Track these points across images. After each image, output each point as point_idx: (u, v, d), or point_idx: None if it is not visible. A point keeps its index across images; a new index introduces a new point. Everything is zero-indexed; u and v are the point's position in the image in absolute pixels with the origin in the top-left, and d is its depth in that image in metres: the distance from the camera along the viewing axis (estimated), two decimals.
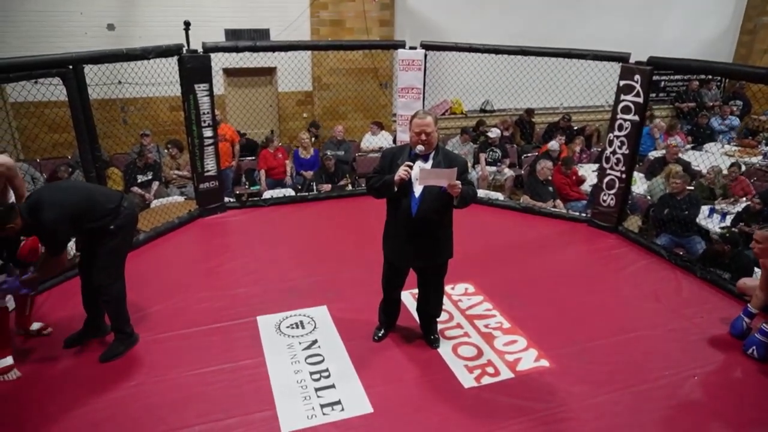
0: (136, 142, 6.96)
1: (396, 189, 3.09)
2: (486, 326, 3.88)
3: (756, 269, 4.54)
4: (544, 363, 3.49)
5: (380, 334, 3.67)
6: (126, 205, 3.34)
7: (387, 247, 3.37)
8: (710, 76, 9.86)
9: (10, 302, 3.38)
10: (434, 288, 3.51)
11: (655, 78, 5.04)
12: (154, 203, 6.14)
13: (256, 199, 6.33)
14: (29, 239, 3.25)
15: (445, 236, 3.30)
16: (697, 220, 5.68)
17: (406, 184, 3.10)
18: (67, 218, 3.02)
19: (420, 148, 3.08)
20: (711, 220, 5.83)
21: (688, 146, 8.31)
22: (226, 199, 5.99)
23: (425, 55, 6.10)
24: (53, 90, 4.36)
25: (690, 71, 8.08)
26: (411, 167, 3.07)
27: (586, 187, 6.62)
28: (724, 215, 5.81)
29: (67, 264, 3.23)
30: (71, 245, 3.95)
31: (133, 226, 3.51)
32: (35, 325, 3.65)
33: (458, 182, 3.01)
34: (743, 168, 6.68)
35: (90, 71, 4.39)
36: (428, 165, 3.13)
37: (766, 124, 9.32)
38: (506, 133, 8.46)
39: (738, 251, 4.74)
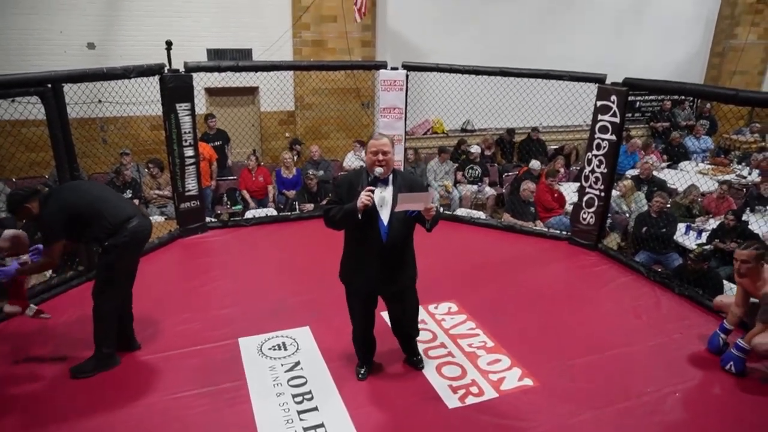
0: (116, 162, 6.87)
1: (360, 216, 2.96)
2: (470, 345, 3.87)
3: (730, 284, 4.64)
4: (528, 382, 3.49)
5: (362, 372, 3.51)
6: (131, 226, 3.28)
7: (356, 279, 3.20)
8: (684, 97, 10.14)
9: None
10: (408, 307, 3.42)
11: (630, 98, 5.15)
12: None
13: (237, 218, 6.27)
14: None
15: (412, 255, 3.25)
16: (675, 237, 5.79)
17: (370, 209, 2.96)
18: (65, 217, 3.17)
19: (378, 170, 2.97)
20: (687, 237, 5.95)
21: (664, 165, 8.50)
22: (207, 219, 5.93)
23: (407, 76, 6.16)
24: (31, 108, 4.30)
25: (664, 92, 8.29)
26: (373, 191, 2.95)
27: (568, 207, 6.68)
28: (700, 232, 5.94)
29: (58, 260, 3.33)
30: None
31: (133, 248, 3.40)
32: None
33: (433, 205, 2.96)
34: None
35: (69, 90, 4.35)
36: (389, 189, 3.04)
37: (737, 143, 9.58)
38: (487, 153, 8.57)
39: (710, 268, 4.82)
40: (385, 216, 3.04)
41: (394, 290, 3.27)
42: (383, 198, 3.03)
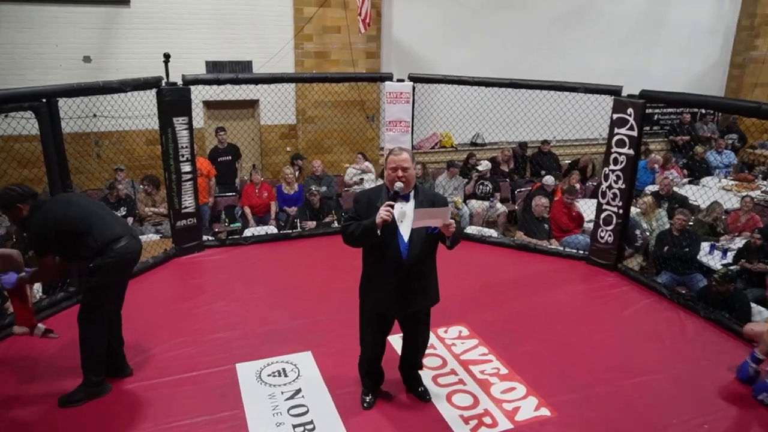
0: (110, 177, 6.81)
1: (379, 232, 2.88)
2: (482, 372, 3.73)
3: (759, 308, 4.43)
4: (545, 412, 3.35)
5: (368, 400, 3.39)
6: (118, 247, 3.17)
7: (373, 297, 3.13)
8: (707, 110, 9.94)
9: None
10: (422, 335, 3.32)
11: (648, 111, 5.01)
12: None
13: (236, 237, 6.13)
14: None
15: (434, 277, 3.17)
16: (698, 257, 5.58)
17: (390, 226, 2.90)
18: (53, 229, 3.10)
19: (399, 185, 2.91)
20: (712, 257, 5.74)
21: (685, 180, 8.23)
22: (205, 237, 5.79)
23: (413, 88, 6.06)
24: (24, 124, 4.22)
25: (682, 104, 8.10)
26: (393, 206, 2.88)
27: (586, 226, 6.46)
28: (725, 252, 5.74)
29: (55, 272, 3.37)
30: None
31: (120, 270, 3.29)
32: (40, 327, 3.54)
33: (452, 221, 2.87)
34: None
35: (64, 104, 4.31)
36: (410, 204, 2.97)
37: (761, 158, 9.34)
38: (505, 168, 8.35)
39: (737, 290, 4.62)
40: (405, 232, 2.96)
41: (410, 311, 3.15)
42: (404, 213, 2.96)
